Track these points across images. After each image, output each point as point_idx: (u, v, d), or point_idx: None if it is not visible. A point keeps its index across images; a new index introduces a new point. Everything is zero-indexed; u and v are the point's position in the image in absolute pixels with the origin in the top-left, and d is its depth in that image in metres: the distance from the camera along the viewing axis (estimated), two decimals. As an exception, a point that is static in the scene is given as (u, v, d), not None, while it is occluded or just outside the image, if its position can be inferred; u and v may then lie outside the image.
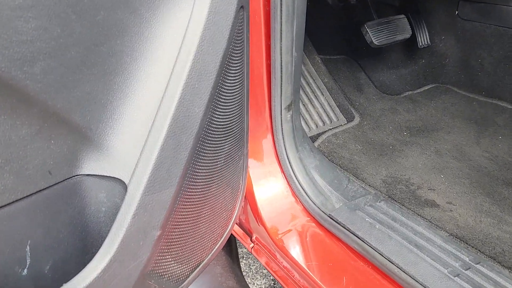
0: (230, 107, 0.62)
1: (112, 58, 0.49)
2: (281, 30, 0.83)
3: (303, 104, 1.16)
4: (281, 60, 0.86)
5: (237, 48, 0.60)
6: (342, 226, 0.80)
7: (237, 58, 0.61)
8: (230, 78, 0.60)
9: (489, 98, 1.28)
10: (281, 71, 0.86)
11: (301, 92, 1.16)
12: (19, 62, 0.41)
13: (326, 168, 0.96)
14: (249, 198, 0.89)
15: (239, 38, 0.60)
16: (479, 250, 0.76)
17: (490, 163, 1.01)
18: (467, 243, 0.78)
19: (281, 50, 0.85)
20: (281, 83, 0.87)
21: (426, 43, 1.39)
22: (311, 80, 1.21)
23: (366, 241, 0.76)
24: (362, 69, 1.38)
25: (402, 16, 1.31)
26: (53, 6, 0.42)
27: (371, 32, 1.22)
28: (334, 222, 0.82)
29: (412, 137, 1.13)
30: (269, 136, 0.91)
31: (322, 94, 1.20)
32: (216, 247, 0.68)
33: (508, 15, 1.23)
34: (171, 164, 0.52)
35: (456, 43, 1.37)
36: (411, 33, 1.31)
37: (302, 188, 0.89)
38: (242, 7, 0.59)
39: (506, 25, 1.24)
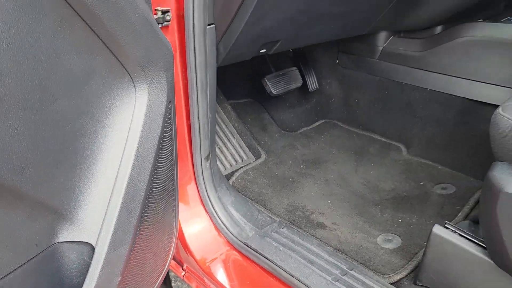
0: (164, 174, 0.82)
1: (77, 154, 0.66)
2: (197, 99, 1.04)
3: (218, 147, 1.38)
4: (199, 122, 1.07)
5: (167, 131, 0.80)
6: (255, 251, 1.03)
7: (168, 138, 0.81)
8: (163, 153, 0.80)
9: (365, 131, 1.61)
10: (199, 130, 1.08)
11: (216, 136, 1.38)
12: (14, 171, 0.57)
13: (240, 202, 1.19)
14: (180, 236, 1.09)
15: (168, 123, 0.80)
16: (354, 259, 1.03)
17: (364, 187, 1.31)
18: (346, 254, 1.05)
19: (198, 114, 1.06)
20: (200, 140, 1.08)
21: (315, 87, 1.69)
22: (223, 126, 1.43)
23: (273, 261, 1.00)
24: (266, 110, 1.64)
25: (294, 68, 1.60)
26: (38, 129, 0.59)
27: (269, 84, 1.49)
28: (249, 248, 1.05)
29: (307, 169, 1.41)
30: (193, 183, 1.12)
31: (233, 137, 1.43)
32: (159, 281, 0.87)
33: (374, 65, 1.57)
34: (126, 227, 0.71)
35: (339, 86, 1.69)
36: (302, 82, 1.60)
37: (222, 222, 1.11)
38: (170, 101, 0.79)
39: (373, 73, 1.58)
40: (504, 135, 0.73)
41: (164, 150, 0.79)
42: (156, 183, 0.78)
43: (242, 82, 1.66)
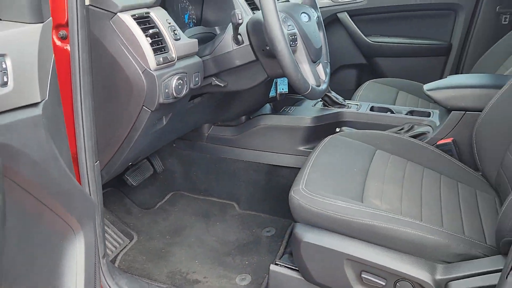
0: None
1: None
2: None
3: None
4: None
5: (95, 261, 1.14)
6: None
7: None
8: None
9: (206, 196, 2.12)
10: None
11: (94, 231, 1.68)
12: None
13: (132, 281, 1.53)
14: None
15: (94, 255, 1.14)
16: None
17: (216, 243, 1.81)
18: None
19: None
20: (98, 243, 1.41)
21: (162, 168, 2.13)
22: (98, 220, 1.74)
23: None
24: (126, 195, 1.99)
25: (145, 160, 2.01)
26: None
27: (130, 179, 1.87)
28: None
29: (172, 238, 1.83)
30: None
31: (109, 227, 1.76)
32: None
33: (203, 147, 2.09)
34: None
35: (179, 164, 2.16)
36: (152, 169, 2.03)
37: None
38: (95, 240, 1.14)
39: (204, 153, 2.10)
40: (297, 209, 1.31)
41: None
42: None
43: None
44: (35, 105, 0.83)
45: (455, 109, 1.66)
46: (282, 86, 1.89)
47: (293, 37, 1.34)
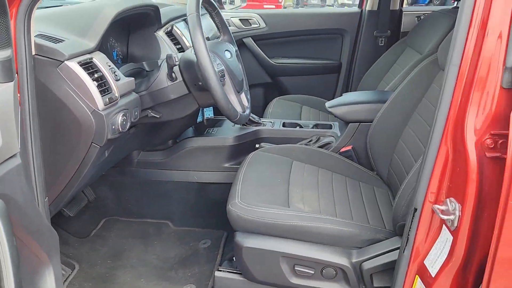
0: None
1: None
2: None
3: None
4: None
5: None
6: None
7: None
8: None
9: (140, 218, 2.23)
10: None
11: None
12: None
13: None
14: None
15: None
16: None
17: (159, 261, 1.94)
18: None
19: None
20: None
21: (93, 196, 2.19)
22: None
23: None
24: (59, 226, 2.03)
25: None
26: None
27: (67, 210, 1.92)
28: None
29: (114, 262, 1.92)
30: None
31: (49, 260, 1.79)
32: None
33: (134, 172, 2.20)
34: None
35: (110, 190, 2.24)
36: (86, 200, 2.09)
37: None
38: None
39: (134, 177, 2.21)
40: (236, 219, 1.51)
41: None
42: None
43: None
44: (15, 155, 0.94)
45: (351, 121, 2.02)
46: (208, 112, 2.09)
47: (221, 73, 1.56)
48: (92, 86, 1.29)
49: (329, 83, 3.14)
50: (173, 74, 1.55)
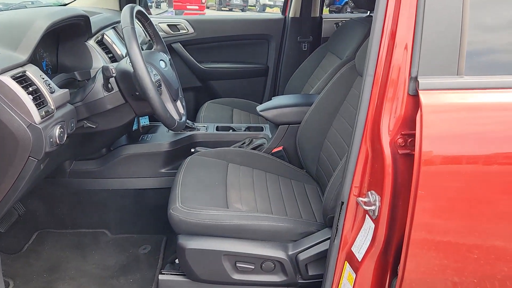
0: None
1: None
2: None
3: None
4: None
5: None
6: None
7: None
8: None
9: (75, 229, 2.18)
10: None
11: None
12: None
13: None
14: None
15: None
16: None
17: (98, 269, 1.93)
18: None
19: None
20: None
21: (23, 209, 2.11)
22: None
23: None
24: (-12, 244, 1.94)
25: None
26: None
27: None
28: None
29: (52, 275, 1.88)
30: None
31: None
32: None
33: (64, 183, 2.15)
34: None
35: (42, 203, 2.17)
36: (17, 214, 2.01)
37: None
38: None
39: (66, 188, 2.16)
40: (178, 223, 1.57)
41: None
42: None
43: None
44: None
45: (281, 123, 2.16)
46: (144, 120, 2.11)
47: (158, 83, 1.60)
48: (27, 99, 1.28)
49: (258, 86, 3.27)
50: (109, 84, 1.57)
